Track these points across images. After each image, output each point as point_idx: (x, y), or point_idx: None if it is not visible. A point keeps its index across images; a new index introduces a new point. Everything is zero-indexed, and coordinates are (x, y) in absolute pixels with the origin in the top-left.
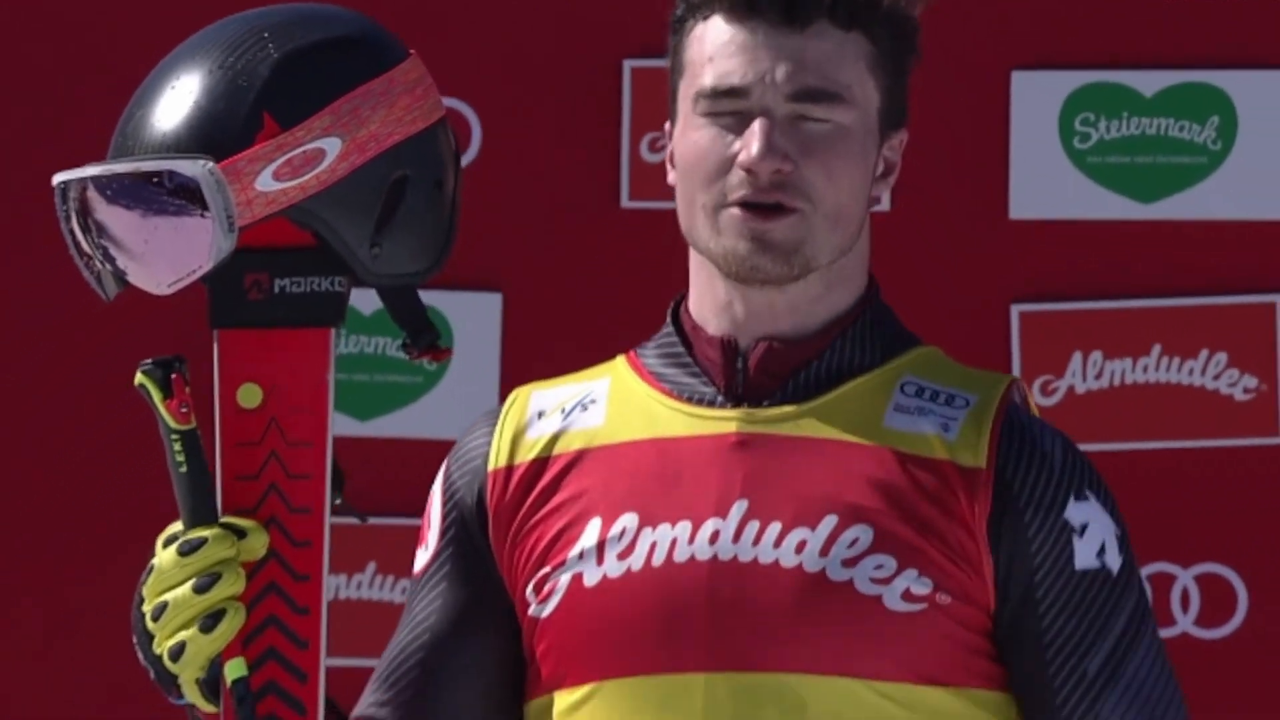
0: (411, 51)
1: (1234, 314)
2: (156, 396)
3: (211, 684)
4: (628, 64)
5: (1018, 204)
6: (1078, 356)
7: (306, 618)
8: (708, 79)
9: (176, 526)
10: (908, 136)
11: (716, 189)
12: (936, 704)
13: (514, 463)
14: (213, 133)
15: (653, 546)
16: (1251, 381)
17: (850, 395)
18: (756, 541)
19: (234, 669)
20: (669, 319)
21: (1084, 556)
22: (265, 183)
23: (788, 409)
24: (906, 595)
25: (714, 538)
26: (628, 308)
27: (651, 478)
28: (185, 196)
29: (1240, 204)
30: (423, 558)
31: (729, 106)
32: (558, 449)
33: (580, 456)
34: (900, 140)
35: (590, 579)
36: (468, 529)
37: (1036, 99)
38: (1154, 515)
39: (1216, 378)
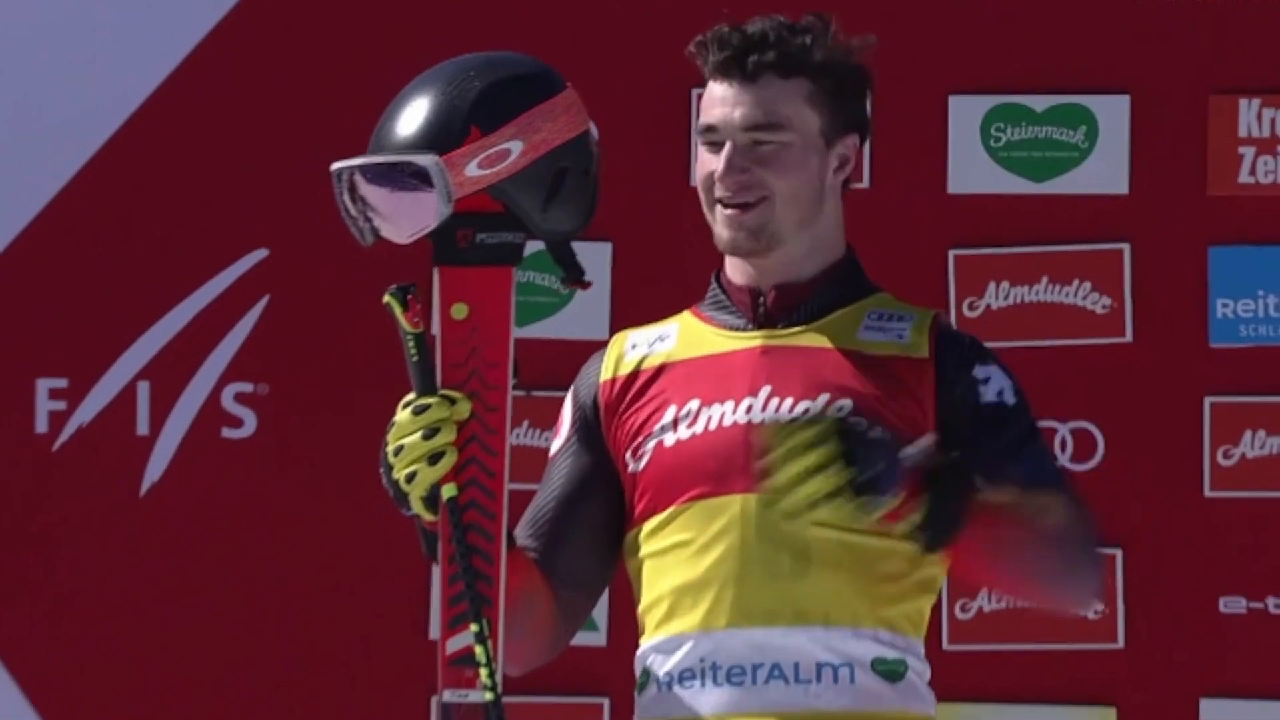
0: (569, 84)
1: (1097, 255)
2: (398, 310)
3: (431, 501)
4: None
5: (953, 183)
6: (992, 285)
7: (495, 459)
8: (701, 120)
9: (411, 395)
10: (861, 139)
11: (710, 193)
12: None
13: (616, 376)
14: (438, 137)
15: (709, 418)
16: (1108, 300)
17: (833, 321)
18: (777, 410)
19: (448, 490)
20: (714, 281)
21: (987, 396)
22: (471, 170)
23: (793, 330)
24: (877, 433)
25: (749, 409)
26: (704, 263)
27: (707, 377)
28: (419, 179)
29: (1099, 184)
30: (556, 444)
31: (711, 138)
32: (645, 365)
33: (661, 369)
34: (851, 142)
35: (669, 442)
36: (588, 422)
37: (965, 113)
38: (1043, 387)
39: (1084, 298)
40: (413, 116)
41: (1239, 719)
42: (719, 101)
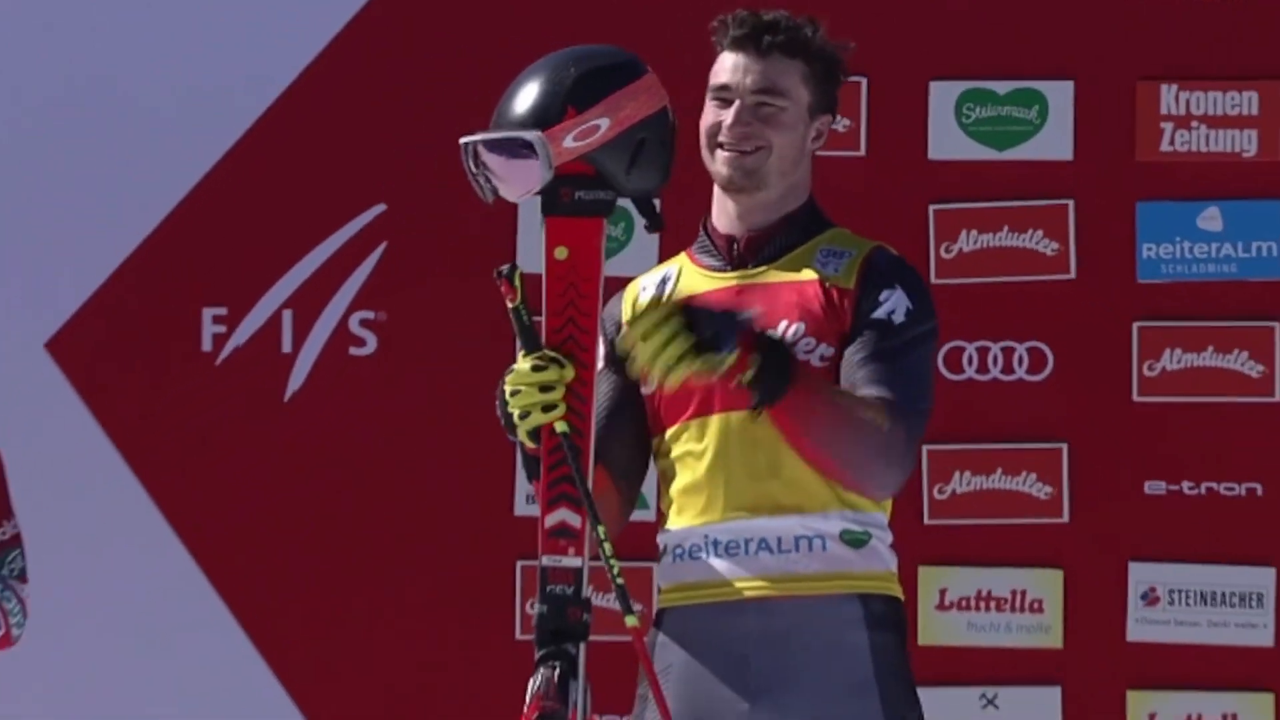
0: (649, 70)
1: (1047, 209)
2: (504, 285)
3: (533, 434)
4: None
5: (932, 151)
6: (964, 233)
7: (584, 405)
8: (714, 81)
9: (523, 351)
10: (832, 119)
11: (714, 139)
12: None
13: (634, 312)
14: (542, 117)
15: None
16: (1056, 245)
17: (791, 259)
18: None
19: (560, 426)
20: (701, 227)
21: (878, 312)
22: (568, 143)
23: (760, 269)
24: (821, 358)
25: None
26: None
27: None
28: (528, 150)
29: (1049, 152)
30: (599, 365)
31: (723, 95)
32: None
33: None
34: (826, 119)
35: None
36: (614, 353)
37: (942, 96)
38: (1004, 314)
39: (1037, 243)
40: (523, 100)
41: (1159, 577)
42: (732, 68)
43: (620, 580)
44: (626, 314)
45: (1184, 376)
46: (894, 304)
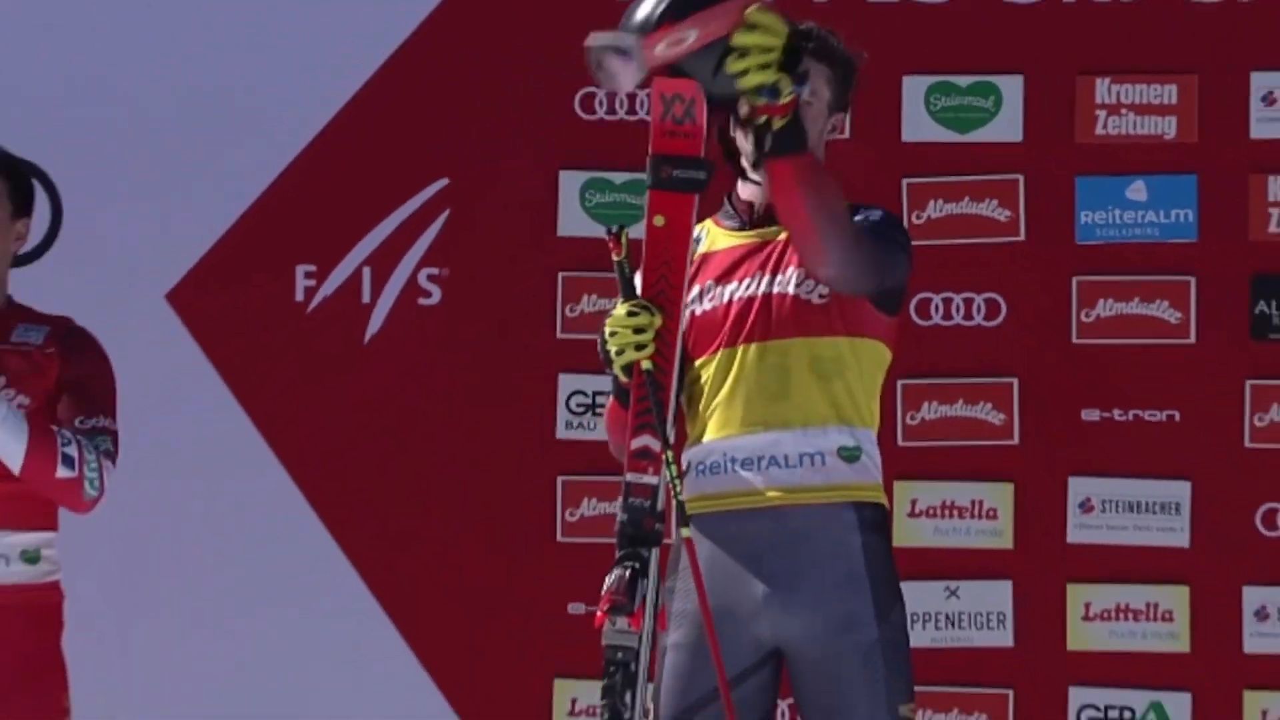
0: None
1: (1001, 183)
2: (612, 242)
3: (626, 369)
4: None
5: (905, 134)
6: (931, 202)
7: (670, 349)
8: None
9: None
10: (844, 117)
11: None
12: (851, 345)
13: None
14: (642, 28)
15: (726, 292)
16: (1008, 212)
17: None
18: (770, 285)
19: (646, 364)
20: (726, 199)
21: (857, 215)
22: (660, 50)
23: (775, 228)
24: (820, 295)
25: (753, 284)
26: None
27: (720, 265)
28: (630, 53)
29: (1003, 135)
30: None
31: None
32: (694, 258)
33: (700, 261)
34: (840, 117)
35: (698, 311)
36: None
37: (914, 88)
38: (964, 269)
39: (993, 211)
40: (631, 15)
41: (1093, 490)
42: None
43: (681, 497)
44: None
45: (1115, 322)
46: (869, 213)
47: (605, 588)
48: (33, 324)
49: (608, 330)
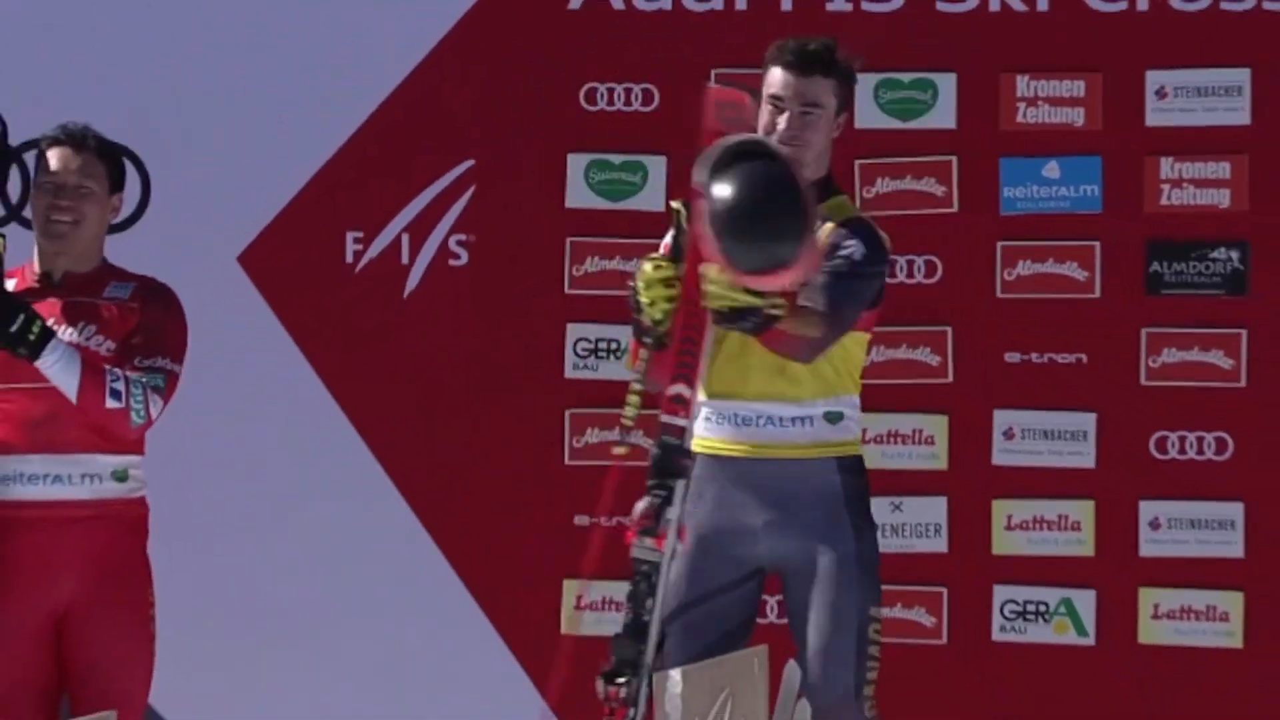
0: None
1: (938, 164)
2: (684, 214)
3: (657, 336)
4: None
5: (858, 122)
6: (879, 179)
7: (697, 308)
8: (770, 91)
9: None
10: (849, 117)
11: (771, 134)
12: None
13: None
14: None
15: None
16: (944, 189)
17: (827, 218)
18: None
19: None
20: None
21: (840, 251)
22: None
23: None
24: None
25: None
26: None
27: None
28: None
29: (939, 123)
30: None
31: (777, 104)
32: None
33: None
34: (845, 118)
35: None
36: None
37: (865, 83)
38: (905, 237)
39: (931, 187)
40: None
41: (1015, 420)
42: (783, 84)
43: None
44: (708, 273)
45: (1032, 280)
46: (854, 248)
47: (637, 512)
48: (121, 281)
49: (641, 283)
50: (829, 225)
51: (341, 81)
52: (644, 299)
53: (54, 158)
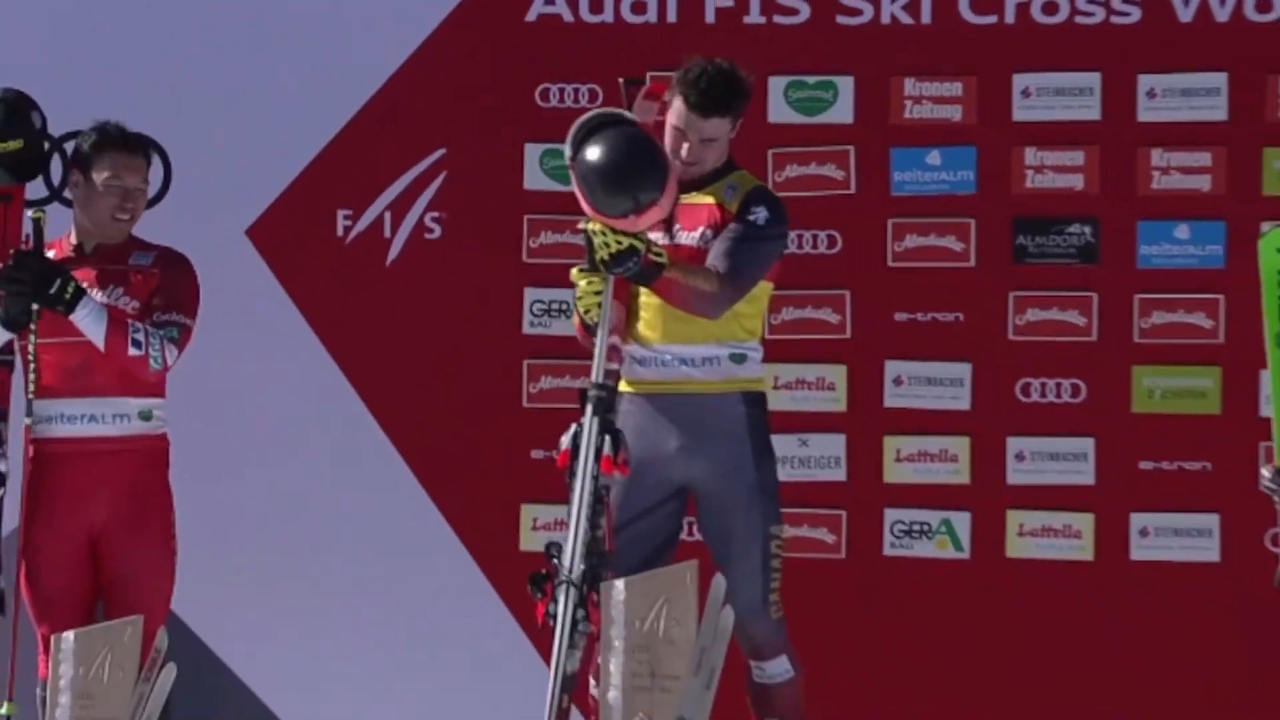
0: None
1: (837, 152)
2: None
3: (591, 326)
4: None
5: (771, 117)
6: (789, 165)
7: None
8: (674, 122)
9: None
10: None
11: (676, 155)
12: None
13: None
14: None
15: (659, 238)
16: (844, 173)
17: (709, 189)
18: (678, 236)
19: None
20: None
21: (745, 216)
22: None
23: (690, 194)
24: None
25: (668, 237)
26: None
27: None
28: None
29: (839, 118)
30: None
31: (678, 132)
32: None
33: None
34: (740, 124)
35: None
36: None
37: (778, 85)
38: (810, 211)
39: (832, 172)
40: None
41: (902, 370)
42: (687, 121)
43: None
44: (590, 226)
45: (918, 251)
46: (758, 213)
47: (564, 444)
48: (144, 251)
49: (577, 295)
50: (733, 197)
51: (334, 82)
52: (580, 307)
53: (118, 165)
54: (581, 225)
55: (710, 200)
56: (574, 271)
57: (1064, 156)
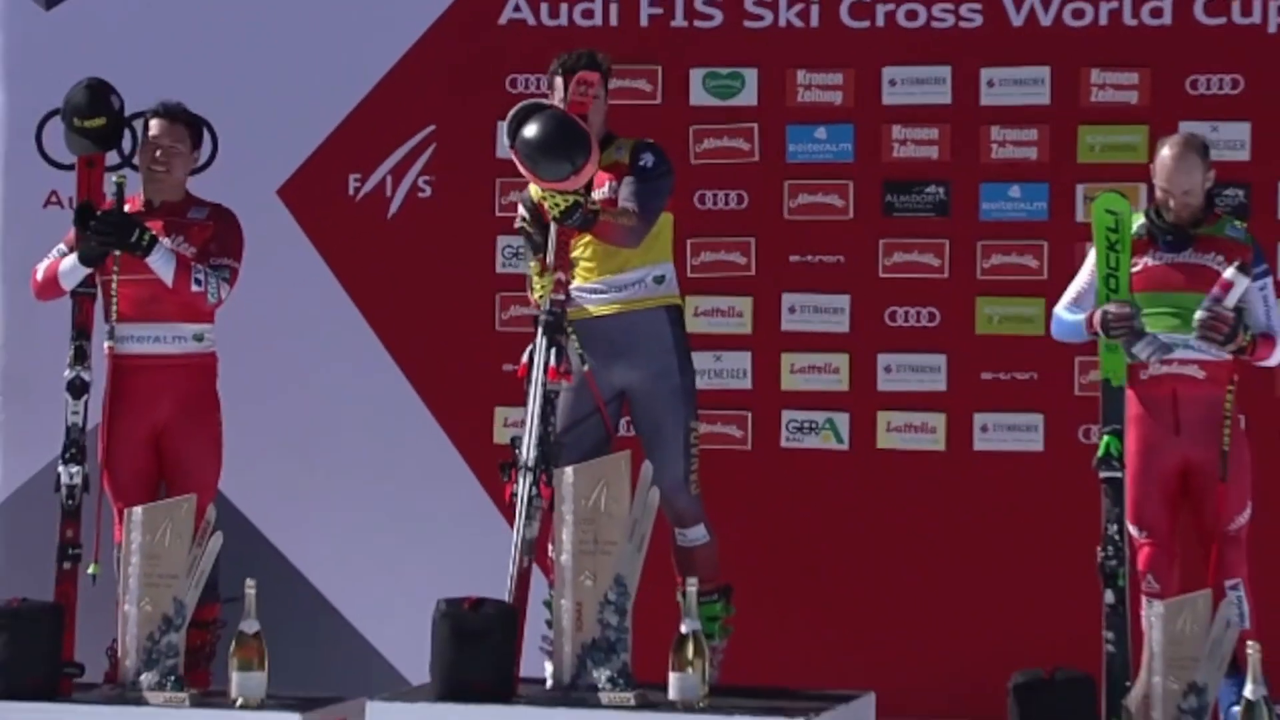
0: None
1: (747, 130)
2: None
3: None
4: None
5: (692, 100)
6: (705, 139)
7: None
8: (556, 92)
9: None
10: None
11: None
12: None
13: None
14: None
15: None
16: (748, 145)
17: (607, 153)
18: (604, 191)
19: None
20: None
21: (639, 162)
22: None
23: (605, 155)
24: (612, 192)
25: (600, 191)
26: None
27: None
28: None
29: (747, 100)
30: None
31: (558, 92)
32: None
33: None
34: (607, 85)
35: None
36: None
37: (697, 77)
38: (707, 177)
39: (740, 145)
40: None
41: (796, 300)
42: (558, 86)
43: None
44: (535, 194)
45: (808, 207)
46: (647, 159)
47: (524, 360)
48: (200, 206)
49: (534, 283)
50: (624, 152)
51: (347, 70)
52: (537, 292)
53: (155, 126)
54: (521, 197)
55: (610, 159)
56: (532, 265)
57: (922, 132)
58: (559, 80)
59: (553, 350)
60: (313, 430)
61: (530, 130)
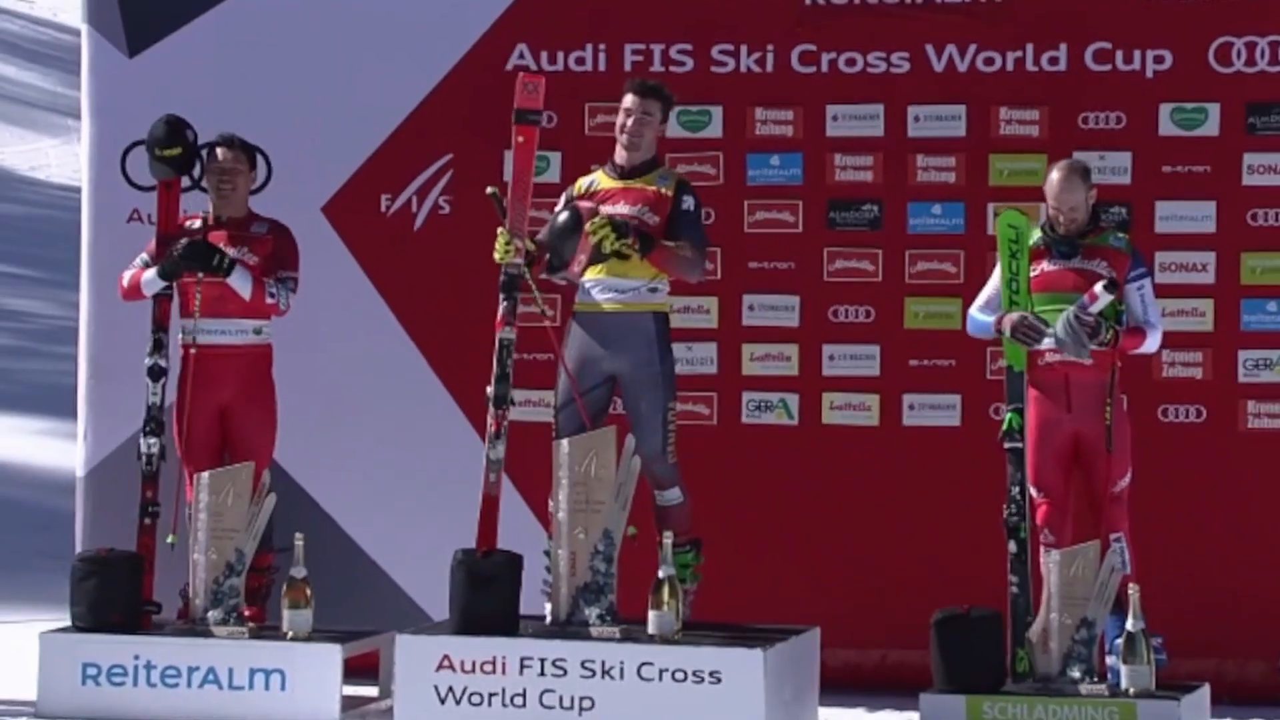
0: None
1: (708, 157)
2: (499, 200)
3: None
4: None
5: (670, 133)
6: (680, 164)
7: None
8: (625, 105)
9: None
10: (667, 120)
11: (622, 132)
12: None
13: (581, 193)
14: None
15: (605, 209)
16: (714, 170)
17: (645, 179)
18: (618, 206)
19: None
20: (610, 159)
21: (682, 206)
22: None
23: (633, 179)
24: (649, 220)
25: (615, 208)
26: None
27: (604, 198)
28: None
29: (712, 133)
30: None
31: (626, 112)
32: (589, 190)
33: (592, 192)
34: (667, 121)
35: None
36: (572, 199)
37: (673, 114)
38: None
39: (708, 169)
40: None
41: (754, 301)
42: (632, 102)
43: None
44: (579, 191)
45: (765, 222)
46: (688, 202)
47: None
48: (260, 221)
49: (500, 244)
50: (666, 184)
51: (379, 107)
52: (498, 252)
53: (219, 153)
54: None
55: (646, 185)
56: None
57: (859, 159)
58: (630, 95)
59: (508, 304)
60: (351, 408)
61: (560, 229)
